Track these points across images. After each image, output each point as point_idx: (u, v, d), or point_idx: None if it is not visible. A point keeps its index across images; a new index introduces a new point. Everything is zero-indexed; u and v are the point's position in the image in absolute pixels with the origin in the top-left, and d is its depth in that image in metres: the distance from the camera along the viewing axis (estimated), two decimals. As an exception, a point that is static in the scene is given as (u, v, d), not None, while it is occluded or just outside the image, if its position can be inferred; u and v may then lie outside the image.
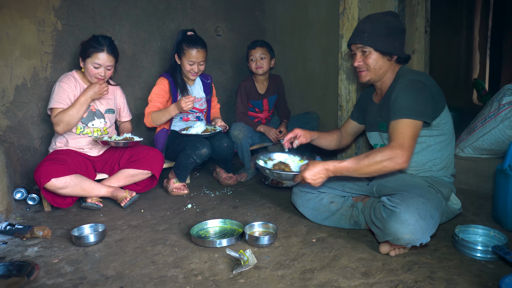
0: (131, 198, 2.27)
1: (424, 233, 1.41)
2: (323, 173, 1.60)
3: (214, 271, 1.50)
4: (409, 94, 1.56)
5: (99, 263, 1.60)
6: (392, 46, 1.66)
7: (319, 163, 1.61)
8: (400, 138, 1.50)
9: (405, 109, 1.54)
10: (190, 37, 2.58)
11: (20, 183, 2.53)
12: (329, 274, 1.44)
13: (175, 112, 2.48)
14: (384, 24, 1.65)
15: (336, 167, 1.59)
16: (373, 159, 1.51)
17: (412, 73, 1.68)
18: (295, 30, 3.17)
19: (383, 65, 1.70)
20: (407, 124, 1.52)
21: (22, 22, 2.42)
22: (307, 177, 1.61)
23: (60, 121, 2.19)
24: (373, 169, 1.52)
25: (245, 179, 2.80)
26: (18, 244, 1.82)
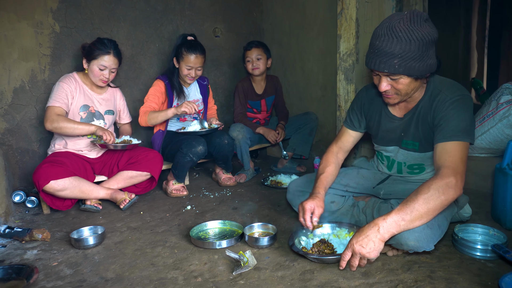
0: (130, 200, 2.27)
1: (428, 241, 1.38)
2: (375, 237, 1.31)
3: (214, 272, 1.49)
4: (462, 113, 1.40)
5: (99, 265, 1.60)
6: (427, 66, 1.38)
7: (364, 228, 1.34)
8: (453, 163, 1.33)
9: (458, 131, 1.38)
10: (190, 42, 2.58)
11: (18, 185, 2.53)
12: (329, 274, 1.43)
13: (172, 113, 2.48)
14: (418, 42, 1.33)
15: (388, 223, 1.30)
16: (428, 197, 1.28)
17: (450, 86, 1.48)
18: (293, 31, 3.17)
19: (415, 86, 1.47)
20: (460, 147, 1.36)
21: (20, 24, 2.42)
22: (357, 249, 1.31)
23: (54, 121, 2.15)
24: (433, 207, 1.29)
25: (244, 180, 2.80)
26: (17, 247, 1.82)
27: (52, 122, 2.16)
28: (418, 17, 1.35)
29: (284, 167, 3.04)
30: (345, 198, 1.89)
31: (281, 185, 2.61)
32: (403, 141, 1.65)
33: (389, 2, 2.41)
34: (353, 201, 1.88)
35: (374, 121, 1.74)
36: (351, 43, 2.50)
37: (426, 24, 1.36)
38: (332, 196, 1.88)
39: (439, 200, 1.29)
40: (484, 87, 5.19)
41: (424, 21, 1.36)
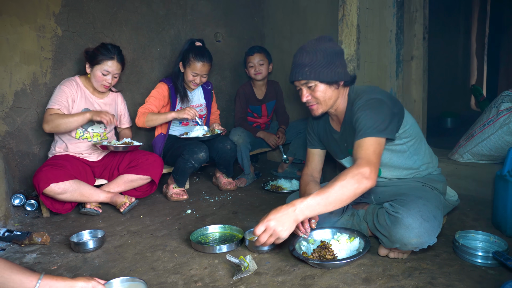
0: (131, 204, 2.26)
1: (430, 235, 1.41)
2: (291, 216, 1.36)
3: (214, 277, 1.49)
4: (369, 112, 1.52)
5: (98, 269, 1.59)
6: (336, 73, 1.58)
7: (282, 207, 1.39)
8: (365, 156, 1.44)
9: (366, 128, 1.49)
10: (198, 48, 2.57)
11: (18, 189, 2.52)
12: (330, 280, 1.43)
13: (172, 117, 2.48)
14: (322, 53, 1.56)
15: (304, 205, 1.37)
16: (343, 184, 1.37)
17: (365, 92, 1.61)
18: (294, 36, 3.19)
19: (332, 94, 1.63)
20: (370, 142, 1.47)
21: (22, 28, 2.42)
22: (271, 226, 1.34)
23: (51, 121, 2.16)
24: (346, 194, 1.37)
25: (245, 184, 2.80)
26: (16, 250, 1.81)
27: (48, 122, 2.17)
28: (323, 38, 1.62)
29: (285, 171, 3.04)
30: (343, 208, 1.88)
31: (281, 189, 2.61)
32: (349, 151, 1.74)
33: (390, 9, 2.43)
34: (352, 210, 1.87)
35: (324, 138, 1.89)
36: (352, 49, 2.52)
37: (330, 42, 1.61)
38: None
39: (353, 187, 1.38)
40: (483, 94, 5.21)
41: (328, 41, 1.61)
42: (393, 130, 1.55)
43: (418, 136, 1.71)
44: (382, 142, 1.50)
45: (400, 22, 2.46)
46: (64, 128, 2.18)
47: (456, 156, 2.34)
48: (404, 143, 1.66)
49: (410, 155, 1.69)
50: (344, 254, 1.56)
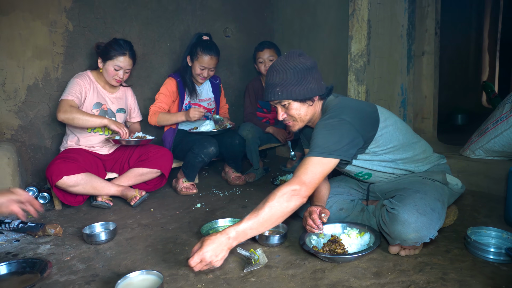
0: (141, 197, 2.29)
1: (428, 228, 1.41)
2: (224, 245, 1.33)
3: (224, 269, 1.50)
4: (323, 131, 1.49)
5: (111, 261, 1.61)
6: (309, 90, 1.55)
7: (215, 235, 1.35)
8: (300, 174, 1.42)
9: (314, 147, 1.46)
10: (205, 42, 2.59)
11: (31, 182, 2.56)
12: (340, 274, 1.43)
13: (182, 119, 2.54)
14: (291, 71, 1.54)
15: (238, 232, 1.35)
16: (274, 206, 1.36)
17: (332, 110, 1.56)
18: (304, 31, 3.18)
19: (307, 111, 1.62)
20: (312, 161, 1.44)
21: (35, 23, 2.45)
22: (207, 259, 1.30)
23: (67, 112, 2.14)
24: (277, 216, 1.37)
25: (254, 179, 2.81)
26: (30, 241, 1.84)
27: (65, 112, 2.14)
28: (293, 53, 1.59)
29: (293, 167, 3.04)
30: (353, 203, 1.88)
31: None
32: None
33: (401, 4, 2.41)
34: (362, 205, 1.87)
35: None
36: (362, 44, 2.50)
37: (300, 57, 1.57)
38: (340, 203, 1.87)
39: (282, 207, 1.38)
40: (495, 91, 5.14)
41: (298, 56, 1.58)
42: (349, 150, 1.49)
43: (401, 145, 1.65)
44: (329, 162, 1.45)
45: (411, 17, 2.44)
46: (78, 123, 2.19)
47: (467, 152, 2.32)
48: (380, 155, 1.64)
49: (393, 160, 1.67)
50: (354, 249, 1.56)
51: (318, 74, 1.61)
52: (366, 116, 1.59)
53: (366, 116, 1.59)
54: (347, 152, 1.49)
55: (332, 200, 1.86)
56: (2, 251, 1.75)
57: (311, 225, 1.61)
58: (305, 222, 1.65)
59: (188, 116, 2.49)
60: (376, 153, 1.63)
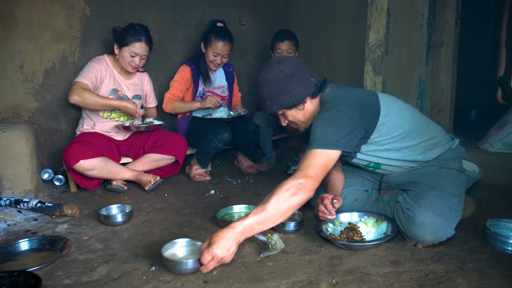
0: (155, 182, 2.30)
1: (445, 229, 1.40)
2: (232, 240, 1.29)
3: (241, 254, 1.51)
4: (320, 124, 1.48)
5: (128, 241, 1.63)
6: (295, 95, 1.57)
7: (221, 231, 1.31)
8: (306, 168, 1.40)
9: (313, 140, 1.45)
10: (219, 28, 2.58)
11: (46, 164, 2.59)
12: (357, 261, 1.43)
13: (197, 107, 2.56)
14: (272, 83, 1.57)
15: (244, 226, 1.31)
16: (279, 200, 1.33)
17: (327, 103, 1.56)
18: (320, 21, 3.14)
19: (304, 112, 1.65)
20: (314, 154, 1.42)
21: (53, 6, 2.46)
22: (218, 255, 1.26)
23: (82, 96, 2.13)
24: (284, 210, 1.34)
25: (266, 168, 2.81)
26: (48, 221, 1.87)
27: (78, 95, 2.12)
28: (271, 62, 1.62)
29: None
30: (368, 193, 1.87)
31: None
32: None
33: (423, -8, 2.37)
34: (377, 195, 1.86)
35: None
36: (381, 33, 2.46)
37: (279, 65, 1.58)
38: (355, 193, 1.86)
39: (289, 202, 1.34)
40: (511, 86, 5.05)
41: (277, 64, 1.59)
42: (349, 141, 1.47)
43: (408, 132, 1.61)
44: (330, 154, 1.43)
45: (433, 6, 2.40)
46: (90, 105, 2.18)
47: (486, 146, 2.29)
48: (385, 144, 1.61)
49: (400, 149, 1.63)
50: (371, 237, 1.55)
51: (304, 74, 1.59)
52: (365, 105, 1.56)
53: (364, 105, 1.56)
54: (348, 143, 1.47)
55: (346, 191, 1.85)
56: (21, 229, 1.78)
57: (323, 211, 1.60)
58: (317, 209, 1.64)
59: (204, 104, 2.49)
60: (379, 143, 1.60)
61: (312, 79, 1.61)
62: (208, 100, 2.51)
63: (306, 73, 1.60)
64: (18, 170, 2.13)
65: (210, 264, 1.28)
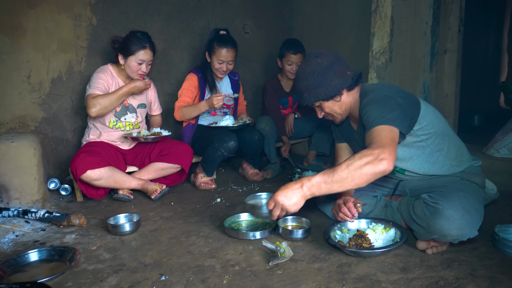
0: (162, 191, 2.31)
1: (471, 227, 1.39)
2: (297, 192, 1.38)
3: (250, 262, 1.51)
4: (374, 106, 1.49)
5: (136, 251, 1.63)
6: (332, 87, 1.61)
7: (290, 183, 1.42)
8: (378, 140, 1.36)
9: (374, 119, 1.44)
10: (222, 36, 2.60)
11: (53, 173, 2.60)
12: (367, 268, 1.43)
13: (205, 108, 2.53)
14: (310, 75, 1.62)
15: (312, 182, 1.37)
16: (351, 163, 1.32)
17: (372, 91, 1.59)
18: (323, 29, 3.17)
19: (341, 104, 1.67)
20: (381, 129, 1.41)
21: (60, 16, 2.49)
22: (279, 198, 1.39)
23: (98, 103, 2.16)
24: (354, 175, 1.32)
25: (271, 175, 2.81)
26: (56, 231, 1.87)
27: (94, 106, 2.15)
28: (310, 56, 1.66)
29: (310, 165, 3.03)
30: (376, 199, 1.87)
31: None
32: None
33: (426, 0, 2.39)
34: (385, 201, 1.86)
35: (346, 137, 1.90)
36: (385, 41, 2.48)
37: (317, 59, 1.62)
38: (364, 198, 1.86)
39: (361, 170, 1.31)
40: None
41: (314, 57, 1.63)
42: (403, 123, 1.46)
43: (440, 132, 1.63)
44: (394, 129, 1.41)
45: (436, 13, 2.42)
46: (111, 106, 2.23)
47: (491, 151, 2.29)
48: (422, 140, 1.61)
49: (432, 152, 1.64)
50: (380, 244, 1.55)
51: (341, 67, 1.62)
52: (408, 96, 1.60)
53: (408, 96, 1.59)
54: (402, 124, 1.46)
55: (355, 196, 1.84)
56: (30, 239, 1.78)
57: (345, 213, 1.61)
58: (337, 210, 1.65)
59: (211, 104, 2.48)
60: (418, 136, 1.59)
61: (349, 72, 1.64)
62: (214, 100, 2.44)
63: (343, 66, 1.63)
64: (25, 180, 2.13)
65: (275, 211, 1.43)
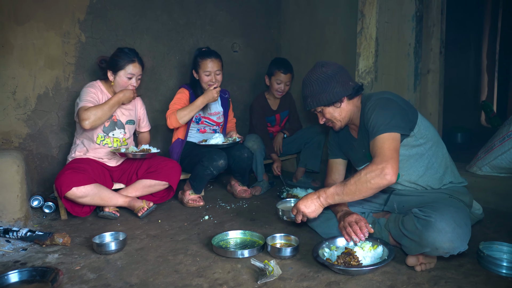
0: (149, 208, 2.27)
1: (462, 240, 1.42)
2: (315, 201, 1.66)
3: (238, 281, 1.49)
4: (378, 111, 1.61)
5: (122, 270, 1.59)
6: (334, 94, 1.74)
7: (309, 193, 1.71)
8: (382, 152, 1.52)
9: (378, 126, 1.58)
10: (203, 51, 2.66)
11: (36, 191, 2.54)
12: (355, 286, 1.42)
13: (203, 103, 2.53)
14: (315, 82, 1.76)
15: (327, 194, 1.63)
16: (359, 178, 1.53)
17: (374, 95, 1.72)
18: (311, 48, 3.24)
19: (341, 111, 1.79)
20: (384, 139, 1.55)
21: (48, 33, 2.49)
22: (300, 206, 1.69)
23: (92, 115, 2.13)
24: (362, 188, 1.53)
25: (260, 192, 2.81)
26: (38, 250, 1.82)
27: (88, 118, 2.12)
28: (317, 65, 1.80)
29: (299, 181, 3.05)
30: (364, 215, 1.89)
31: (297, 198, 2.61)
32: (367, 155, 1.78)
33: (409, 23, 2.48)
34: (373, 218, 1.87)
35: (344, 146, 1.98)
36: (370, 61, 2.55)
37: (322, 68, 1.77)
38: None
39: (368, 183, 1.51)
40: (494, 110, 5.22)
41: (320, 67, 1.78)
42: (405, 125, 1.60)
43: (435, 140, 1.74)
44: (396, 137, 1.56)
45: (419, 36, 2.51)
46: (105, 117, 2.21)
47: (474, 169, 2.34)
48: (420, 144, 1.69)
49: (429, 158, 1.71)
50: (368, 261, 1.55)
51: (344, 78, 1.76)
52: (407, 102, 1.72)
53: (406, 102, 1.72)
54: (405, 127, 1.60)
55: None
56: (10, 259, 1.73)
57: (356, 231, 1.61)
58: (346, 225, 1.65)
59: (208, 97, 2.51)
60: (417, 139, 1.68)
61: (351, 83, 1.77)
62: (210, 92, 2.52)
63: (346, 77, 1.77)
64: (7, 198, 2.08)
65: (297, 216, 1.72)
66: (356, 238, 1.61)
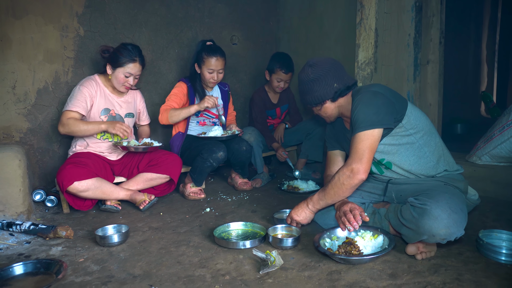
0: (150, 201, 2.29)
1: (458, 226, 1.44)
2: (305, 209, 1.82)
3: (240, 271, 1.50)
4: (361, 107, 1.63)
5: (125, 262, 1.61)
6: (315, 98, 1.78)
7: (300, 203, 1.86)
8: (354, 152, 1.60)
9: (358, 123, 1.61)
10: (209, 46, 2.63)
11: (38, 185, 2.55)
12: (356, 275, 1.44)
13: (195, 110, 2.53)
14: (301, 83, 1.82)
15: (313, 200, 1.78)
16: (334, 182, 1.66)
17: (361, 89, 1.72)
18: (310, 40, 3.23)
19: (325, 110, 1.83)
20: (360, 138, 1.60)
21: (47, 27, 2.48)
22: (292, 215, 1.84)
23: (68, 126, 2.19)
24: (339, 191, 1.66)
25: (260, 185, 2.82)
26: (42, 243, 1.84)
27: (63, 126, 2.20)
28: (306, 65, 1.83)
29: (300, 172, 3.06)
30: (364, 206, 1.90)
31: (298, 190, 2.63)
32: None
33: (409, 13, 2.47)
34: (373, 208, 1.88)
35: (339, 138, 1.99)
36: (369, 52, 2.55)
37: (309, 68, 1.79)
38: None
39: (342, 186, 1.65)
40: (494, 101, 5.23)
41: (308, 66, 1.80)
42: (389, 118, 1.62)
43: (427, 129, 1.74)
44: (375, 133, 1.60)
45: (418, 26, 2.50)
46: (79, 135, 2.26)
47: (474, 158, 2.35)
48: (410, 134, 1.69)
49: (420, 148, 1.72)
50: (369, 251, 1.57)
51: (327, 80, 1.74)
52: (395, 93, 1.74)
53: (395, 93, 1.74)
54: (389, 120, 1.62)
55: None
56: (14, 252, 1.74)
57: (350, 220, 1.63)
58: (341, 215, 1.67)
59: (202, 105, 2.50)
60: (407, 129, 1.69)
61: (336, 85, 1.75)
62: (206, 100, 2.48)
63: (331, 79, 1.75)
64: (10, 192, 2.09)
65: (292, 224, 1.85)
66: (350, 227, 1.63)
